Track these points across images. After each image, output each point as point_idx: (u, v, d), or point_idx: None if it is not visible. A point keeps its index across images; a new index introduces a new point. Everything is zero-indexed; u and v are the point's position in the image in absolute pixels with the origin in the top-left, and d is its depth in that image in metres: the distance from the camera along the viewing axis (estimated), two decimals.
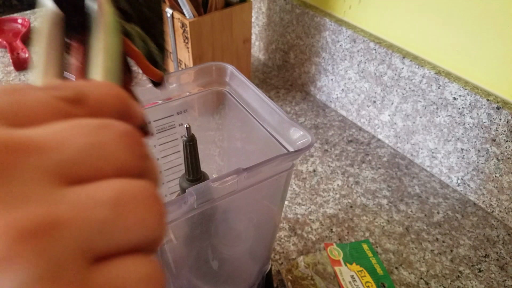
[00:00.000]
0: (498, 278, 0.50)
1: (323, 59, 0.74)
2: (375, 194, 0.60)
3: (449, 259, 0.52)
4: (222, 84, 0.41)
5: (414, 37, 0.60)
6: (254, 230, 0.41)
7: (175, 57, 0.71)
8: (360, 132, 0.71)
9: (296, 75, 0.82)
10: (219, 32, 0.67)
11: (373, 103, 0.68)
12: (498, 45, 0.51)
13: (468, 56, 0.55)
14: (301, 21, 0.75)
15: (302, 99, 0.79)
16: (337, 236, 0.55)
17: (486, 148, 0.55)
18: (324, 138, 0.70)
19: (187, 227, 0.32)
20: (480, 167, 0.57)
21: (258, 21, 0.86)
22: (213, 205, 0.31)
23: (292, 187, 0.61)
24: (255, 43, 0.90)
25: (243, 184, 0.30)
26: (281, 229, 0.55)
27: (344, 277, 0.48)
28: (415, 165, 0.65)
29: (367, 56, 0.65)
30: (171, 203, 0.27)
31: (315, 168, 0.65)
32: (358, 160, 0.66)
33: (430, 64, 0.59)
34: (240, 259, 0.43)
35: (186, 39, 0.65)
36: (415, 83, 0.60)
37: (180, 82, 0.39)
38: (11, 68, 0.85)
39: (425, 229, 0.56)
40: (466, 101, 0.55)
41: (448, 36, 0.56)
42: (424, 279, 0.50)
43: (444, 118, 0.58)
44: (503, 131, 0.52)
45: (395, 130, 0.66)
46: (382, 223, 0.56)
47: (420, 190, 0.61)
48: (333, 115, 0.75)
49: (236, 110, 0.40)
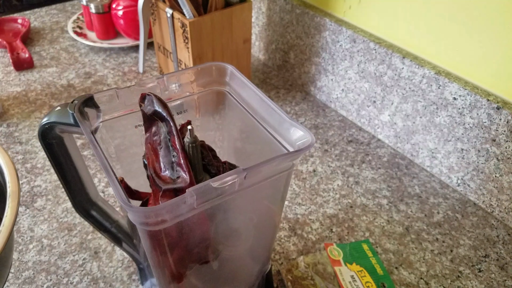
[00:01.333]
0: (498, 278, 0.50)
1: (323, 59, 0.74)
2: (375, 194, 0.60)
3: (449, 259, 0.52)
4: (222, 84, 0.41)
5: (414, 37, 0.60)
6: (254, 230, 0.41)
7: (175, 57, 0.71)
8: (360, 132, 0.71)
9: (296, 75, 0.82)
10: (219, 32, 0.67)
11: (373, 103, 0.68)
12: (498, 45, 0.51)
13: (468, 56, 0.55)
14: (301, 21, 0.75)
15: (302, 99, 0.79)
16: (337, 236, 0.55)
17: (486, 148, 0.55)
18: (324, 138, 0.70)
19: (187, 227, 0.32)
20: (480, 167, 0.57)
21: (258, 21, 0.86)
22: (213, 205, 0.31)
23: (292, 187, 0.61)
24: (255, 43, 0.90)
25: (243, 184, 0.30)
26: (281, 229, 0.55)
27: (344, 277, 0.48)
28: (415, 165, 0.65)
29: (367, 56, 0.65)
30: (171, 203, 0.27)
31: (315, 168, 0.65)
32: (358, 160, 0.66)
33: (430, 64, 0.59)
34: (240, 259, 0.43)
35: (186, 39, 0.65)
36: (415, 83, 0.60)
37: (180, 82, 0.39)
38: (11, 68, 0.85)
39: (425, 229, 0.56)
40: (466, 101, 0.55)
41: (448, 36, 0.56)
42: (424, 279, 0.50)
43: (444, 118, 0.58)
44: (503, 131, 0.52)
45: (395, 130, 0.66)
46: (382, 223, 0.56)
47: (420, 190, 0.61)
48: (333, 115, 0.75)
49: (236, 110, 0.40)
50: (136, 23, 0.87)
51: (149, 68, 0.86)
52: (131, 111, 0.37)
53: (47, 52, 0.90)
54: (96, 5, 0.87)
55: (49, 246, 0.53)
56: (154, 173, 0.33)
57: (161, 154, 0.33)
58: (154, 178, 0.33)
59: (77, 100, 0.34)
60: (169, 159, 0.33)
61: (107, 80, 0.82)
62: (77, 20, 0.98)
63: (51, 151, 0.37)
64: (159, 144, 0.34)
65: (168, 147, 0.33)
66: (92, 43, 0.90)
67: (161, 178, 0.33)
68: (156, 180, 0.32)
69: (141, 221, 0.28)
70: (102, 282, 0.49)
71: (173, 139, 0.33)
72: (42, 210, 0.57)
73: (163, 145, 0.34)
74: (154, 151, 0.34)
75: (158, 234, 0.30)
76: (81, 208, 0.41)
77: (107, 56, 0.90)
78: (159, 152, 0.34)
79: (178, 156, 0.33)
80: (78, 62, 0.88)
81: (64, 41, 0.94)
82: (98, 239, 0.54)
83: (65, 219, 0.56)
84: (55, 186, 0.61)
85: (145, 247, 0.32)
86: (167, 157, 0.33)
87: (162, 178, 0.33)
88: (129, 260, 0.51)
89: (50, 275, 0.50)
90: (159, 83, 0.38)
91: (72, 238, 0.54)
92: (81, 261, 0.51)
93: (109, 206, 0.43)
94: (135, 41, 0.90)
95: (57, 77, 0.83)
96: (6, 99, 0.77)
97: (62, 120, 0.34)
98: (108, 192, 0.60)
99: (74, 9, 1.07)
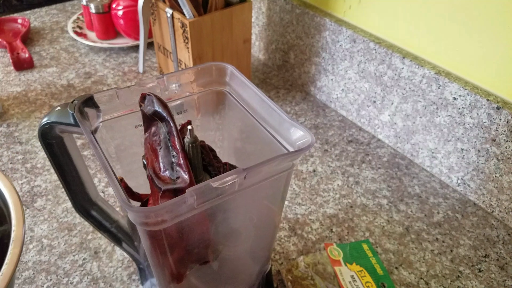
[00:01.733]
0: (498, 278, 0.50)
1: (323, 59, 0.74)
2: (375, 194, 0.60)
3: (449, 259, 0.52)
4: (222, 84, 0.41)
5: (414, 37, 0.60)
6: (254, 230, 0.41)
7: (175, 57, 0.71)
8: (360, 132, 0.71)
9: (296, 75, 0.82)
10: (219, 32, 0.67)
11: (373, 103, 0.68)
12: (498, 45, 0.51)
13: (468, 56, 0.55)
14: (301, 21, 0.75)
15: (302, 99, 0.79)
16: (337, 236, 0.55)
17: (486, 148, 0.55)
18: (324, 138, 0.70)
19: (187, 227, 0.32)
20: (480, 167, 0.57)
21: (258, 21, 0.86)
22: (213, 205, 0.31)
23: (292, 187, 0.61)
24: (255, 43, 0.90)
25: (243, 184, 0.30)
26: (281, 229, 0.55)
27: (344, 277, 0.48)
28: (415, 165, 0.65)
29: (367, 56, 0.65)
30: (171, 203, 0.27)
31: (315, 168, 0.65)
32: (358, 160, 0.66)
33: (430, 64, 0.59)
34: (240, 259, 0.43)
35: (186, 39, 0.65)
36: (415, 83, 0.60)
37: (180, 82, 0.39)
38: (11, 68, 0.85)
39: (425, 229, 0.56)
40: (466, 101, 0.55)
41: (448, 36, 0.56)
42: (424, 279, 0.50)
43: (444, 118, 0.58)
44: (503, 131, 0.52)
45: (395, 130, 0.66)
46: (382, 223, 0.56)
47: (420, 190, 0.61)
48: (333, 115, 0.75)
49: (236, 110, 0.40)
50: (136, 23, 0.87)
51: (149, 68, 0.86)
52: (131, 111, 0.37)
53: (47, 52, 0.90)
54: (96, 5, 0.87)
55: (49, 246, 0.53)
56: (153, 173, 0.33)
57: (161, 154, 0.33)
58: (153, 178, 0.33)
59: (77, 100, 0.34)
60: (169, 159, 0.33)
61: (107, 80, 0.82)
62: (77, 20, 0.98)
63: (51, 151, 0.37)
64: (158, 144, 0.34)
65: (168, 147, 0.33)
66: (92, 43, 0.90)
67: (161, 178, 0.33)
68: (156, 180, 0.32)
69: (141, 221, 0.28)
70: (102, 282, 0.49)
71: (173, 139, 0.33)
72: (42, 210, 0.57)
73: (162, 145, 0.34)
74: (153, 151, 0.34)
75: (158, 234, 0.30)
76: (81, 208, 0.41)
77: (107, 56, 0.90)
78: (158, 152, 0.34)
79: (178, 157, 0.33)
80: (78, 62, 0.88)
81: (64, 41, 0.94)
82: (98, 239, 0.54)
83: (65, 219, 0.56)
84: (55, 186, 0.61)
85: (145, 247, 0.32)
86: (166, 157, 0.33)
87: (162, 178, 0.33)
88: (129, 260, 0.51)
89: (50, 275, 0.50)
90: (159, 83, 0.38)
91: (72, 238, 0.54)
92: (81, 261, 0.51)
93: (109, 206, 0.43)
94: (135, 41, 0.90)
95: (57, 77, 0.83)
96: (6, 99, 0.77)
97: (62, 120, 0.34)
98: (108, 192, 0.60)
99: (74, 9, 1.07)
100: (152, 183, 0.33)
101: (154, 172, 0.33)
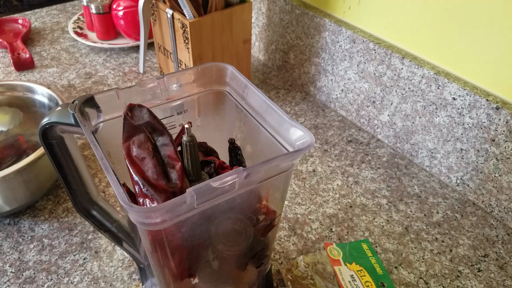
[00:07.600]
0: (497, 278, 0.50)
1: (323, 59, 0.74)
2: (374, 194, 0.61)
3: (448, 258, 0.52)
4: (222, 85, 0.41)
5: (414, 37, 0.60)
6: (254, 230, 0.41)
7: (175, 57, 0.71)
8: (359, 132, 0.72)
9: (296, 76, 0.82)
10: (219, 33, 0.67)
11: (372, 103, 0.68)
12: (498, 45, 0.51)
13: (467, 56, 0.55)
14: (301, 22, 0.75)
15: (302, 99, 0.79)
16: (337, 235, 0.55)
17: (485, 148, 0.55)
18: (324, 138, 0.70)
19: (187, 227, 0.32)
20: (479, 167, 0.57)
21: (258, 22, 0.86)
22: (213, 205, 0.31)
23: (292, 187, 0.61)
24: (255, 44, 0.90)
25: (243, 184, 0.30)
26: (281, 229, 0.55)
27: (344, 276, 0.49)
28: (414, 165, 0.65)
29: (367, 57, 0.65)
30: (171, 203, 0.27)
31: (315, 168, 0.65)
32: (357, 160, 0.66)
33: (430, 64, 0.59)
34: (240, 259, 0.43)
35: (186, 39, 0.65)
36: (415, 83, 0.60)
37: (180, 82, 0.39)
38: (12, 69, 0.85)
39: (425, 229, 0.56)
40: (465, 101, 0.55)
41: (448, 36, 0.56)
42: (424, 279, 0.50)
43: (444, 118, 0.58)
44: (502, 131, 0.52)
45: (394, 130, 0.67)
46: (381, 223, 0.56)
47: (419, 190, 0.61)
48: (333, 115, 0.75)
49: (236, 110, 0.40)
50: (136, 24, 0.87)
51: (149, 69, 0.86)
52: None
53: (48, 53, 0.91)
54: (97, 6, 0.87)
55: (50, 246, 0.53)
56: (144, 183, 0.32)
57: (153, 163, 0.33)
58: (145, 187, 0.32)
59: (78, 100, 0.34)
60: (163, 168, 0.33)
61: (107, 80, 0.83)
62: (78, 21, 0.99)
63: (51, 151, 0.37)
64: (149, 154, 0.33)
65: (161, 157, 0.33)
66: (93, 44, 0.90)
67: (154, 184, 0.32)
68: (149, 189, 0.32)
69: (142, 220, 0.28)
70: (103, 282, 0.49)
71: (169, 150, 0.33)
72: (43, 210, 0.57)
73: (155, 155, 0.33)
74: (141, 160, 0.33)
75: (158, 233, 0.31)
76: (82, 207, 0.41)
77: (108, 57, 0.90)
78: (150, 160, 0.33)
79: (175, 166, 0.33)
80: (79, 63, 0.88)
81: (64, 41, 0.95)
82: (99, 239, 0.54)
83: (65, 218, 0.56)
84: (56, 186, 0.61)
85: (146, 246, 0.32)
86: (160, 166, 0.33)
87: (155, 185, 0.32)
88: (129, 260, 0.51)
89: (50, 275, 0.50)
90: (159, 83, 0.38)
91: (73, 238, 0.54)
92: (82, 260, 0.51)
93: (110, 206, 0.43)
94: (136, 42, 0.91)
95: (57, 77, 0.83)
96: None
97: (63, 120, 0.34)
98: (109, 192, 0.60)
99: (74, 9, 1.07)
100: (141, 194, 0.32)
101: (147, 181, 0.32)
